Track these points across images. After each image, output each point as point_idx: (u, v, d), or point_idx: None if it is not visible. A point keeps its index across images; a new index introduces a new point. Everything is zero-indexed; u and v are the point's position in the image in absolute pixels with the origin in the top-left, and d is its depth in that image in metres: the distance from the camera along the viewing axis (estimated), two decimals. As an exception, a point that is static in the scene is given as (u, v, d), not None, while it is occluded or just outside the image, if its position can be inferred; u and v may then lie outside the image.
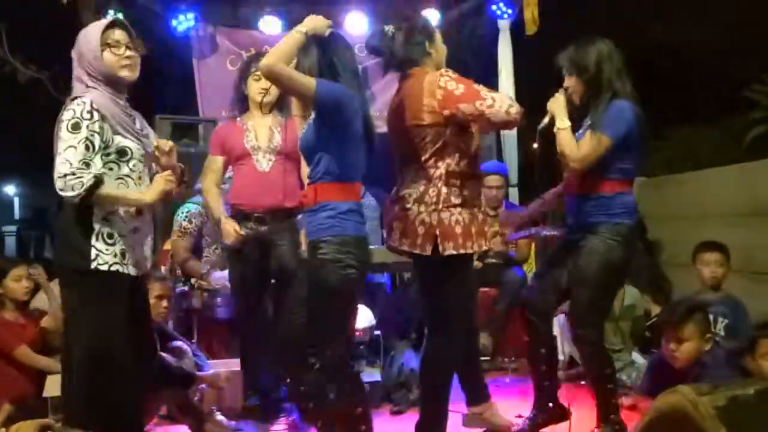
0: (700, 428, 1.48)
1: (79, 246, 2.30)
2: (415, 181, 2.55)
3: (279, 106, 3.27)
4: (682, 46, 7.84)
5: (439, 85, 2.45)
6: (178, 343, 3.22)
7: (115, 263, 2.33)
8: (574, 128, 2.75)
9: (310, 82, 2.28)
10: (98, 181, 2.24)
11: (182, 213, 4.09)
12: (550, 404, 2.93)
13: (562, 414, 2.91)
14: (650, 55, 7.82)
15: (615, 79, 2.68)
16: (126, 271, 2.37)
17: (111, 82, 2.38)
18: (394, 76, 2.73)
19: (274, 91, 3.18)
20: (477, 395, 2.98)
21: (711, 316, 3.15)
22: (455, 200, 2.49)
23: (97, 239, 2.31)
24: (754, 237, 4.17)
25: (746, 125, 7.03)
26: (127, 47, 2.40)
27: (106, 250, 2.31)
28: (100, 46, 2.36)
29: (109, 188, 2.30)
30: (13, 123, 9.80)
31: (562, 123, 2.68)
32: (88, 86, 2.36)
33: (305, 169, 2.65)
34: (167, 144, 2.49)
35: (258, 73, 3.15)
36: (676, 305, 3.10)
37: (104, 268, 2.30)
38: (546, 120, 2.73)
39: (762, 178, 4.43)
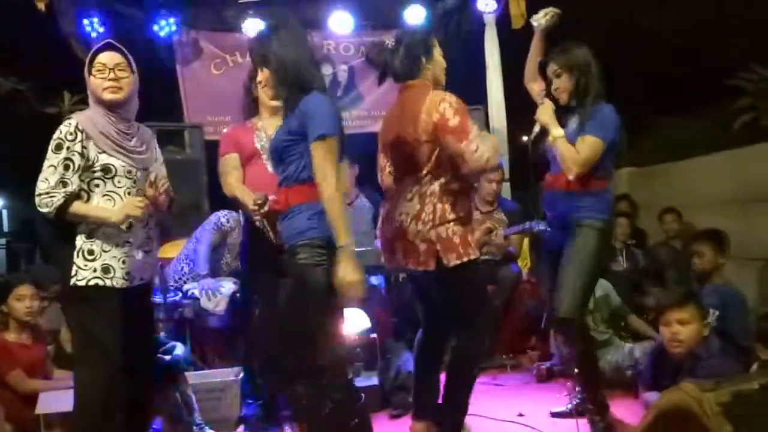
0: (705, 426, 1.46)
1: (63, 263, 2.41)
2: (410, 198, 2.57)
3: None
4: (668, 35, 7.86)
5: (438, 109, 2.49)
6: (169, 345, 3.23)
7: (95, 278, 2.40)
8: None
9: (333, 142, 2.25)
10: (68, 199, 2.36)
11: (223, 213, 4.08)
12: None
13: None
14: (637, 44, 7.83)
15: (599, 81, 2.80)
16: (110, 284, 2.41)
17: (101, 103, 2.48)
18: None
19: None
20: None
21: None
22: (450, 216, 2.52)
23: (78, 256, 2.41)
24: (745, 223, 4.17)
25: (733, 113, 7.05)
26: (113, 70, 2.46)
27: (85, 266, 2.41)
28: (89, 70, 2.48)
29: (78, 206, 2.39)
30: (-4, 135, 9.66)
31: (558, 132, 2.76)
32: (90, 106, 2.52)
33: None
34: (163, 184, 2.54)
35: None
36: (671, 291, 3.18)
37: (82, 283, 2.39)
38: (536, 129, 2.78)
39: (750, 165, 4.44)
